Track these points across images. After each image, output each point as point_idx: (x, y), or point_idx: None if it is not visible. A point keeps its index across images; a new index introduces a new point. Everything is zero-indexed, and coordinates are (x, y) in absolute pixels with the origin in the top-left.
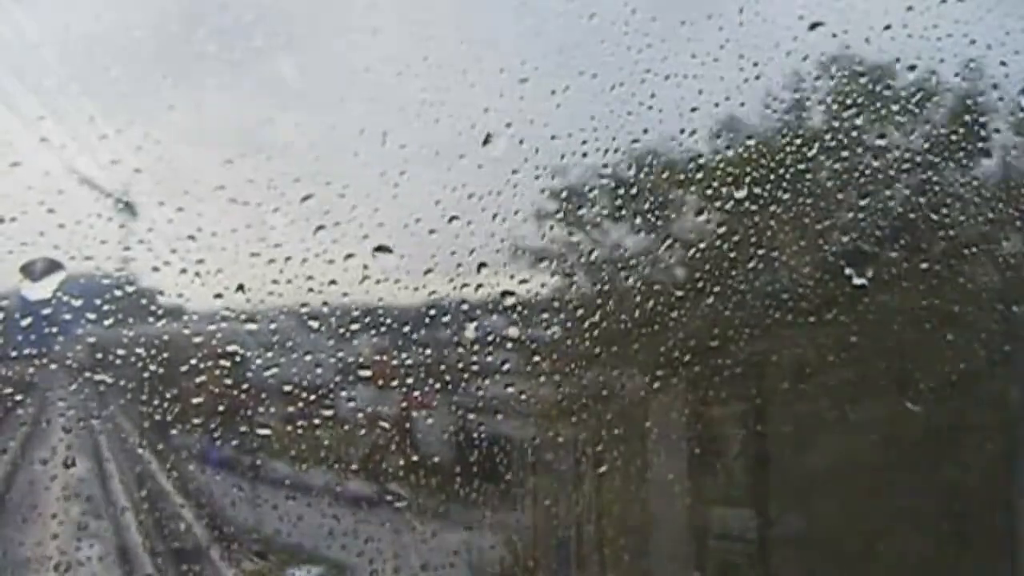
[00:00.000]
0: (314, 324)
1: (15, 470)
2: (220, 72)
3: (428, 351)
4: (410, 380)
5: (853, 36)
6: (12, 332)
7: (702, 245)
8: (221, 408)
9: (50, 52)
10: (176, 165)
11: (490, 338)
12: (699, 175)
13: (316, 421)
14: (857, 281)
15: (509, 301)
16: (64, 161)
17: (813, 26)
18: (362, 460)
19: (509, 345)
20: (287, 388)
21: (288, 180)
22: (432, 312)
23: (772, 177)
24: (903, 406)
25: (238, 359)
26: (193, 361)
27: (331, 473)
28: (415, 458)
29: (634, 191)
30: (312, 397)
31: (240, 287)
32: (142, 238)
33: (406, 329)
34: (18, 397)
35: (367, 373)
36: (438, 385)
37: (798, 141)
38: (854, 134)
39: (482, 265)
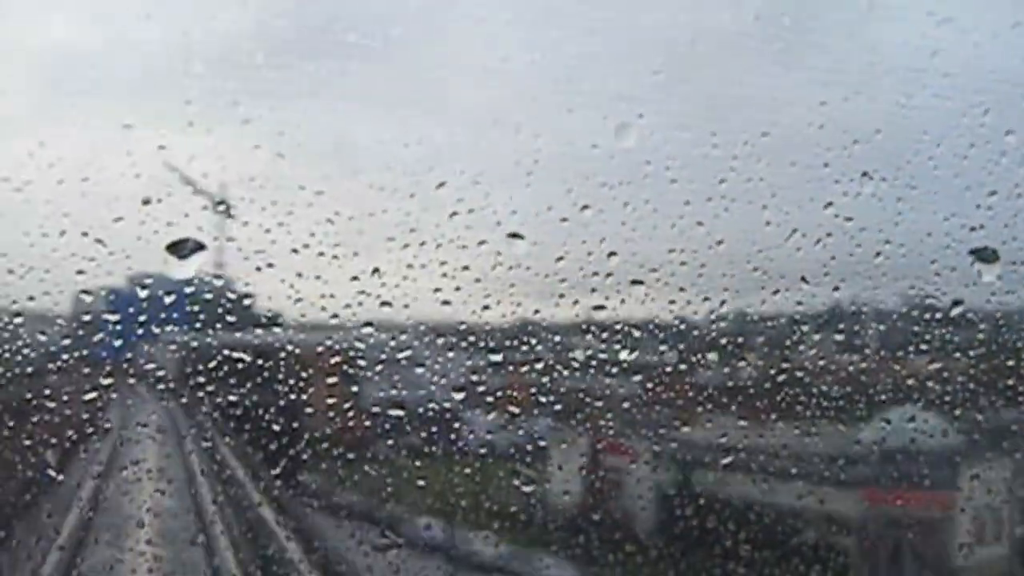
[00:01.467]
0: (447, 309)
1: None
2: (358, 58)
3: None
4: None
5: (982, 33)
6: (154, 318)
7: (829, 238)
8: (355, 389)
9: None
10: (316, 151)
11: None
12: (826, 169)
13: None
14: None
15: (638, 291)
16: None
17: (941, 23)
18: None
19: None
20: (419, 371)
21: (424, 167)
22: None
23: (901, 176)
24: None
25: (372, 340)
26: (328, 342)
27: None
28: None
29: (762, 182)
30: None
31: (375, 270)
32: (281, 220)
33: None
34: (161, 372)
35: (497, 358)
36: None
37: (926, 138)
38: (981, 130)
39: (612, 254)
